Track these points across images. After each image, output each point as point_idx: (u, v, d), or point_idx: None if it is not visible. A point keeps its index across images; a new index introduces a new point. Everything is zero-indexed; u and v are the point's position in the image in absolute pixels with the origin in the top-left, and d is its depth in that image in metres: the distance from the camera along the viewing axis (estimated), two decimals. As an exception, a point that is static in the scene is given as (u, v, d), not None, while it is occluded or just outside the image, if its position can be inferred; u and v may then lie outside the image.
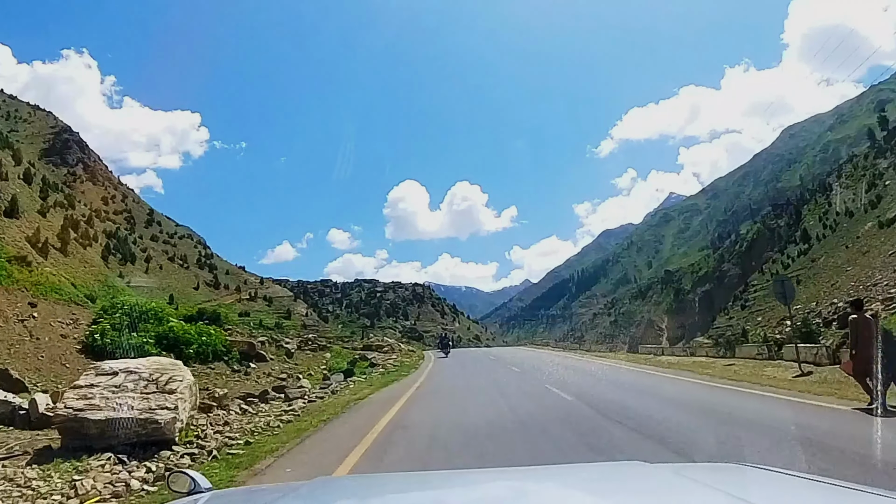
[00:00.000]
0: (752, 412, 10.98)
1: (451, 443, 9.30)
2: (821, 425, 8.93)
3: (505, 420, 11.27)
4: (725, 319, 67.50)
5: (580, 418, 11.00)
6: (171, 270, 74.22)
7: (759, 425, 9.48)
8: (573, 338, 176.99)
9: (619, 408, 12.12)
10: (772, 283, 43.36)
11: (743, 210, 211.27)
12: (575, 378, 21.24)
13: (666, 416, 10.90)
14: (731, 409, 11.41)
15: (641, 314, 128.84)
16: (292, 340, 39.88)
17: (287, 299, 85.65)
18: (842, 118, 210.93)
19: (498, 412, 12.58)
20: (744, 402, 12.50)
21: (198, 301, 65.46)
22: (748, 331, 45.73)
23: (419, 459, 8.21)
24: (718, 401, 12.90)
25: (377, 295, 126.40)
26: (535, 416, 11.58)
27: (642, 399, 14.25)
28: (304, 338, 43.95)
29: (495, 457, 7.88)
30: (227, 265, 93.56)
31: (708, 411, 11.55)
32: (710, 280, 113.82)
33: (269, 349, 32.11)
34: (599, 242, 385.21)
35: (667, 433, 8.90)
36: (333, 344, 44.19)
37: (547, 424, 10.52)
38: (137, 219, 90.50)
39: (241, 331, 39.47)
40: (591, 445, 8.55)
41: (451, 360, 37.45)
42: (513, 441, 9.06)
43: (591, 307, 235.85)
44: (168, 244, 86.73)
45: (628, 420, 10.42)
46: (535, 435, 9.52)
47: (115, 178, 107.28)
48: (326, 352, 38.33)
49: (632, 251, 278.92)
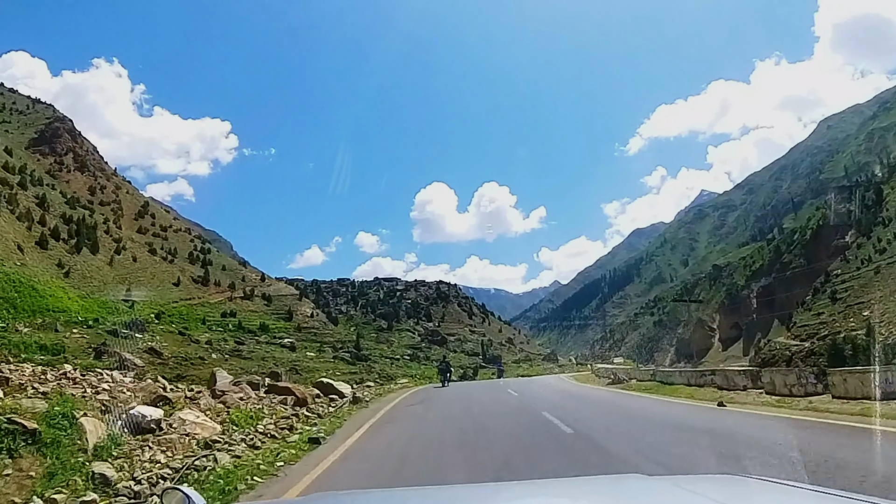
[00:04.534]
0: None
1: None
2: None
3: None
4: (810, 316, 55.07)
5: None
6: (149, 263, 65.87)
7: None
8: (612, 342, 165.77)
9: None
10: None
11: (783, 203, 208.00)
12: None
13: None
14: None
15: (689, 313, 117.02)
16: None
17: (290, 298, 75.89)
18: (885, 106, 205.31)
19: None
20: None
21: (172, 298, 57.34)
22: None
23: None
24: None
25: (397, 294, 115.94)
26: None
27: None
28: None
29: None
30: (226, 261, 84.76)
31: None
32: (766, 274, 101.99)
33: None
34: (630, 242, 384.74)
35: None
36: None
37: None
38: (127, 210, 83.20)
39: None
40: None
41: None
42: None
43: (626, 307, 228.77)
44: (158, 237, 78.73)
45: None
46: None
47: (110, 168, 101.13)
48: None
49: (665, 249, 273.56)
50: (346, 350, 60.35)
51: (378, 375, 47.15)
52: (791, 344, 47.93)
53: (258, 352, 45.49)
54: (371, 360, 59.97)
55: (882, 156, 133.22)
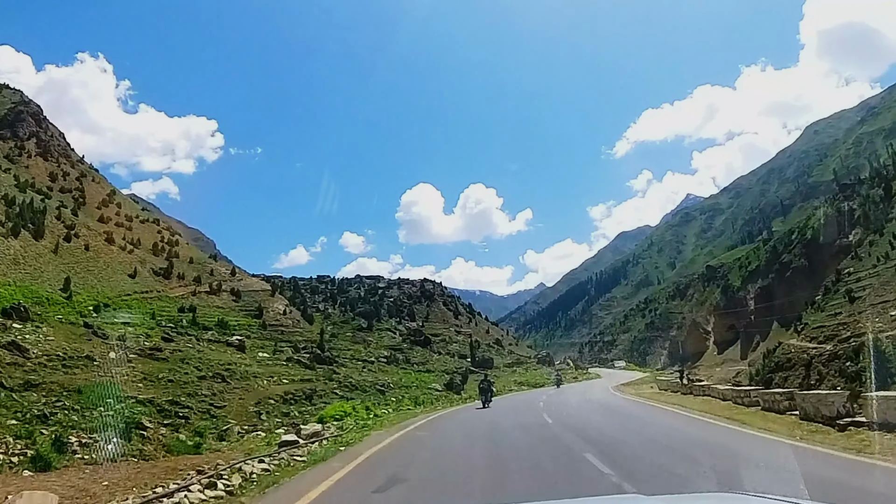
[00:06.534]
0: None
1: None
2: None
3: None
4: (825, 317, 50.24)
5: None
6: (104, 253, 60.15)
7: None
8: (602, 344, 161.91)
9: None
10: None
11: (771, 207, 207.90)
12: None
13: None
14: None
15: (682, 315, 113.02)
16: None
17: (262, 294, 70.48)
18: (872, 111, 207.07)
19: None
20: None
21: (124, 290, 51.93)
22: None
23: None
24: None
25: (379, 292, 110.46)
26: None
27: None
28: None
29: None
30: (195, 254, 79.27)
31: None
32: (763, 275, 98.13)
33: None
34: (616, 245, 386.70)
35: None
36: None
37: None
38: (91, 199, 77.66)
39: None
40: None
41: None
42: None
43: (612, 310, 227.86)
44: (122, 227, 73.29)
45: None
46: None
47: (77, 155, 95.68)
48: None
49: (652, 252, 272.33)
50: (309, 351, 54.32)
51: (339, 384, 41.52)
52: (808, 346, 43.52)
53: (187, 352, 37.73)
54: (338, 363, 54.19)
55: (872, 159, 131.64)
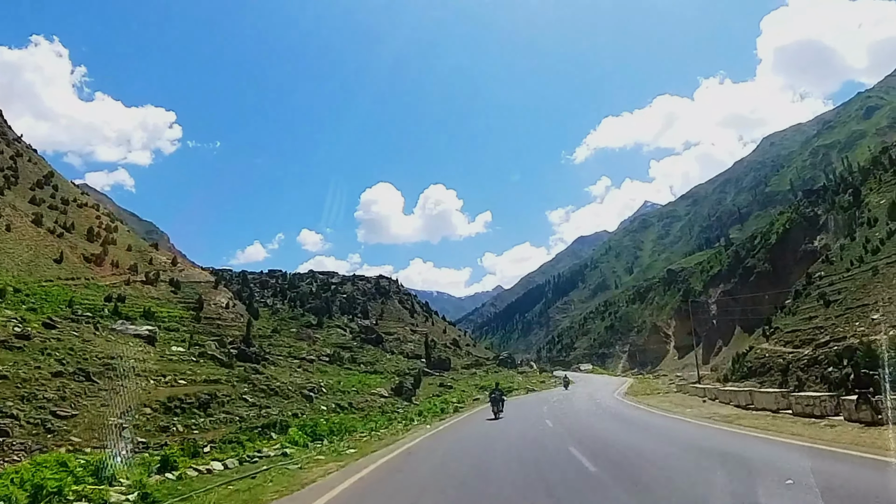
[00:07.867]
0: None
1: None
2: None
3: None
4: (799, 321, 48.42)
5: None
6: (27, 236, 54.63)
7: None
8: (561, 346, 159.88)
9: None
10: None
11: (728, 214, 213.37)
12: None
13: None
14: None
15: (642, 318, 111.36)
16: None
17: (204, 286, 65.53)
18: (828, 125, 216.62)
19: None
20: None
21: (46, 275, 46.80)
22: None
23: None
24: None
25: (332, 288, 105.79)
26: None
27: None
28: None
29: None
30: (135, 242, 73.64)
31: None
32: (726, 279, 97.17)
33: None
34: (573, 249, 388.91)
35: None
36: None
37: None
38: (24, 179, 71.67)
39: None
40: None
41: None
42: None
43: (570, 313, 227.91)
44: (55, 210, 67.56)
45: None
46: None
47: (13, 134, 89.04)
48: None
49: (610, 257, 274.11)
50: (235, 346, 49.49)
51: (253, 388, 36.40)
52: (783, 351, 41.35)
53: (66, 342, 32.71)
54: (268, 361, 49.35)
55: (828, 170, 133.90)
